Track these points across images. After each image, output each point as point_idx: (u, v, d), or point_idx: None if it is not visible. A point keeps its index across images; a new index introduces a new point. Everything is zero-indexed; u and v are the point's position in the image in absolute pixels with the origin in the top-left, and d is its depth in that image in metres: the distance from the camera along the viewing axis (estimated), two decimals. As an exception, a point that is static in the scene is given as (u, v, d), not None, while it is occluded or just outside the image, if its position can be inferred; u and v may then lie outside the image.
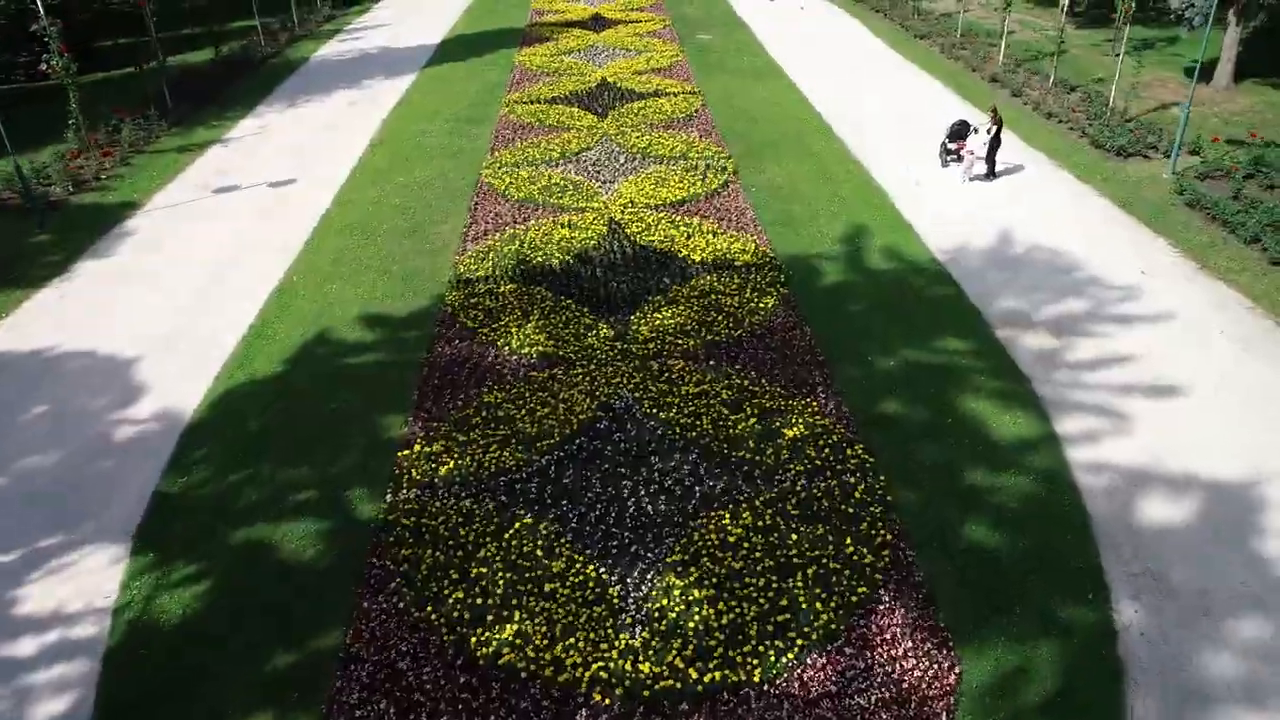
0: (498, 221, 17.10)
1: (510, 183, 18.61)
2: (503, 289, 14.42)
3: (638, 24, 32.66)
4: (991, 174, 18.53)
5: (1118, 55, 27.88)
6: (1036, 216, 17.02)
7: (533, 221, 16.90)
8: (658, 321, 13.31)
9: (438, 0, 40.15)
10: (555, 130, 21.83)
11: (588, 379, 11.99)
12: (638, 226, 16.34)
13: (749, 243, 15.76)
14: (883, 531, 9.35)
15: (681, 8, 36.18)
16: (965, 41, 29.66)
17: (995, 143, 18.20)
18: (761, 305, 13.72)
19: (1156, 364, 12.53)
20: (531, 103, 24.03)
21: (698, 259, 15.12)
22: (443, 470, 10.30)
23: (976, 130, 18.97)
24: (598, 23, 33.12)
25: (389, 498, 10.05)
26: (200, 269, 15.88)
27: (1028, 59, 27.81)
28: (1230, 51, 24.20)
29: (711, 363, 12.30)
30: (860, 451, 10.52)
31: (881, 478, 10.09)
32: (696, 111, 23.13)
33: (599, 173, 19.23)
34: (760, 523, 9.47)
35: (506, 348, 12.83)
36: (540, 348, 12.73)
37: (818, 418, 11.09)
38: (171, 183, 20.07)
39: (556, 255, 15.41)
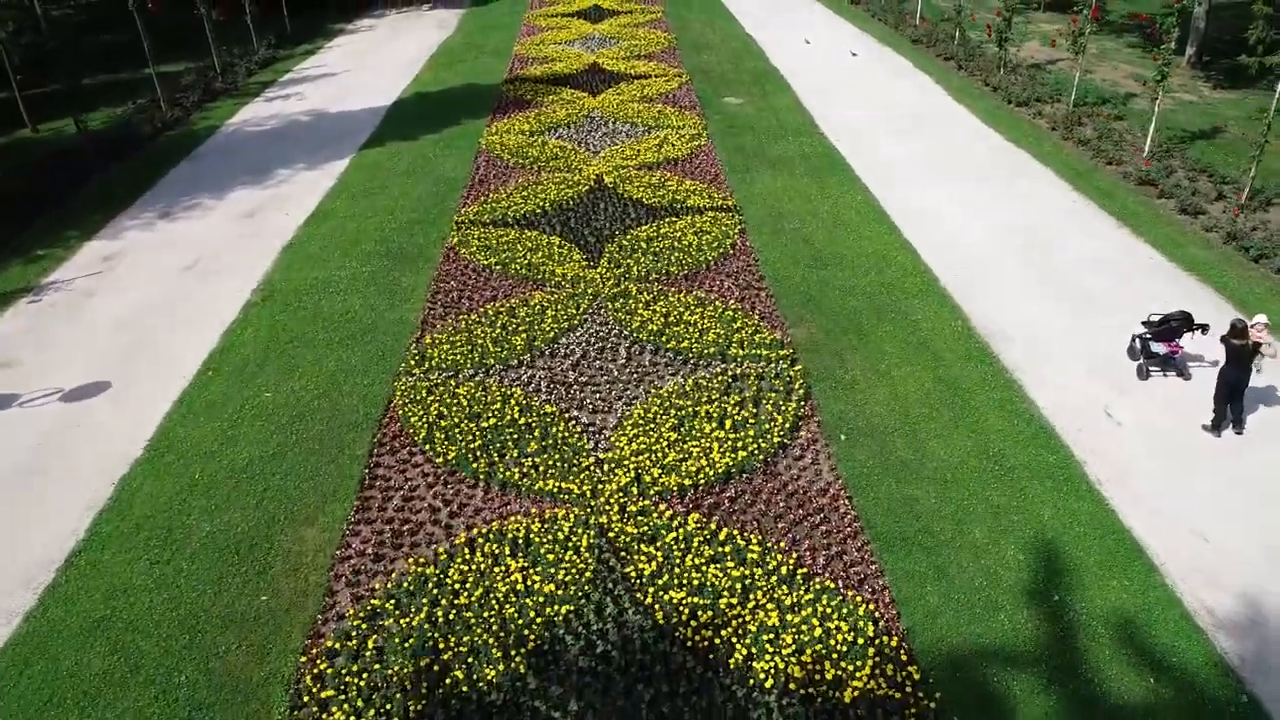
0: (404, 518, 9.76)
1: (437, 415, 11.24)
2: (374, 779, 7.07)
3: (646, 80, 25.28)
4: (1237, 422, 11.00)
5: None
6: (1352, 517, 9.62)
7: (463, 528, 9.55)
8: None
9: (403, 40, 32.82)
10: (522, 285, 14.47)
11: None
12: (644, 556, 8.95)
13: (857, 610, 8.33)
14: None
15: (701, 55, 28.77)
16: (1081, 114, 22.21)
17: (1238, 384, 10.71)
18: None
19: None
20: (494, 224, 16.66)
21: (764, 675, 7.72)
22: None
23: (1204, 330, 11.59)
24: (596, 77, 25.73)
25: None
26: None
27: (1174, 140, 20.39)
28: None
29: None
30: None
31: None
32: (734, 244, 15.75)
33: (585, 385, 11.87)
34: None
35: None
36: None
37: None
38: (-80, 384, 12.80)
39: (494, 647, 8.04)
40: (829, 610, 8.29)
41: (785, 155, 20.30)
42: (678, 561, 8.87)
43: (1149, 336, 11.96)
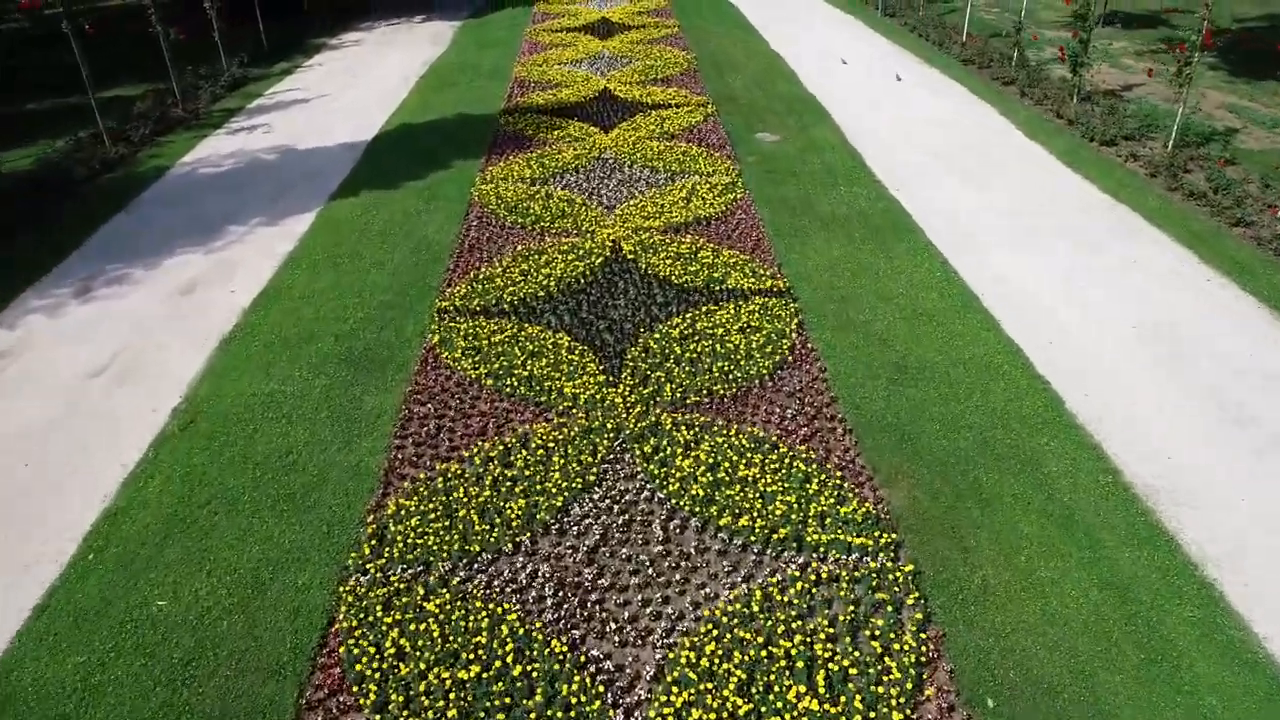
0: None
1: (395, 655, 7.77)
2: None
3: (665, 110, 21.81)
4: None
5: None
6: None
7: None
8: None
9: (391, 58, 29.35)
10: (522, 410, 11.00)
11: None
12: None
13: None
14: None
15: (725, 78, 25.29)
16: (1183, 156, 18.68)
17: None
18: None
19: None
20: (486, 313, 13.19)
21: None
22: None
23: None
24: (607, 107, 22.26)
25: None
26: None
27: (1309, 194, 16.91)
28: None
29: None
30: None
31: None
32: (792, 346, 12.27)
33: (607, 589, 8.39)
34: None
35: None
36: None
37: None
38: None
39: None
40: None
41: (839, 212, 16.80)
42: None
43: (1403, 525, 8.48)
